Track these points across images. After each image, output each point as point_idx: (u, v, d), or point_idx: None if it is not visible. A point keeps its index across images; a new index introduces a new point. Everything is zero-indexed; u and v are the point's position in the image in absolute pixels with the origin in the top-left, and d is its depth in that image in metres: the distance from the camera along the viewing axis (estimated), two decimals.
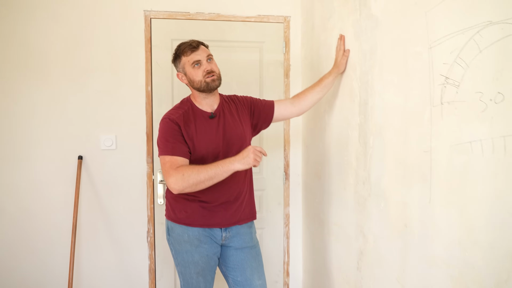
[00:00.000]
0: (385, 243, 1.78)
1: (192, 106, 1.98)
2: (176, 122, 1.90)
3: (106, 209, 2.77)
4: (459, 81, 1.29)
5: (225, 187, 1.97)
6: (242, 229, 2.06)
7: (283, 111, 2.18)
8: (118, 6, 2.71)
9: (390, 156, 1.73)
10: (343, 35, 2.14)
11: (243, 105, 2.11)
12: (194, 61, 1.91)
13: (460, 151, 1.29)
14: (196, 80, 1.92)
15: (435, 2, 1.39)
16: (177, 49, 1.97)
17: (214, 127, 1.97)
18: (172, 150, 1.86)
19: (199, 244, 1.97)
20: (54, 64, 2.67)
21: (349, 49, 2.09)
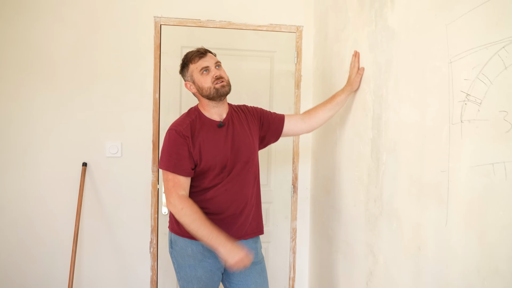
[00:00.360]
0: (396, 265, 1.70)
1: (200, 115, 1.92)
2: (183, 134, 1.84)
3: (109, 218, 2.71)
4: (481, 98, 1.21)
5: (231, 199, 1.90)
6: (248, 244, 1.99)
7: (293, 127, 2.11)
8: (128, 12, 2.67)
9: (404, 174, 1.65)
10: (358, 52, 2.07)
11: (253, 116, 2.05)
12: (203, 68, 1.86)
13: (481, 173, 1.21)
14: (205, 87, 1.87)
15: (457, 14, 1.32)
16: (184, 58, 1.93)
17: (223, 136, 1.90)
18: (174, 167, 1.81)
19: (203, 259, 1.90)
20: (61, 69, 2.63)
21: (363, 67, 2.01)
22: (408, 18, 1.61)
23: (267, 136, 2.10)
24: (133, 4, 2.67)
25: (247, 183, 1.95)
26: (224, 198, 1.88)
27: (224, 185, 1.89)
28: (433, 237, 1.45)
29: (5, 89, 2.59)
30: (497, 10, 1.15)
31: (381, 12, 1.84)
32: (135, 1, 2.68)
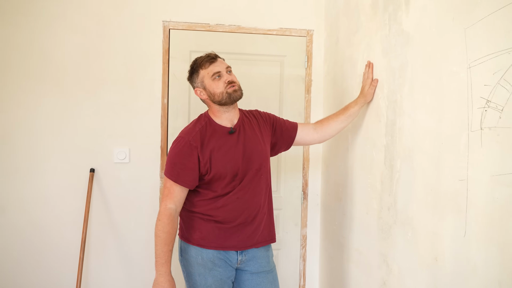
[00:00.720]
0: (411, 276, 1.65)
1: (210, 122, 1.88)
2: (191, 143, 1.80)
3: (117, 224, 2.68)
4: (503, 105, 1.17)
5: (243, 206, 1.86)
6: (259, 253, 1.94)
7: (305, 136, 2.07)
8: (137, 16, 2.65)
9: (419, 182, 1.60)
10: (371, 62, 2.01)
11: (266, 121, 2.01)
12: (214, 73, 1.82)
13: (503, 182, 1.16)
14: (217, 92, 1.83)
15: (476, 18, 1.27)
16: (193, 64, 1.89)
17: (234, 143, 1.86)
18: (176, 176, 1.79)
19: (213, 267, 1.86)
20: (69, 74, 2.61)
21: (377, 79, 1.96)
22: (424, 22, 1.57)
23: (279, 143, 2.05)
24: (141, 9, 2.66)
25: (259, 190, 1.91)
26: (236, 206, 1.84)
27: (235, 193, 1.85)
28: (450, 247, 1.40)
29: (13, 94, 2.58)
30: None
31: (395, 16, 1.79)
32: (143, 6, 2.66)
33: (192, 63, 1.89)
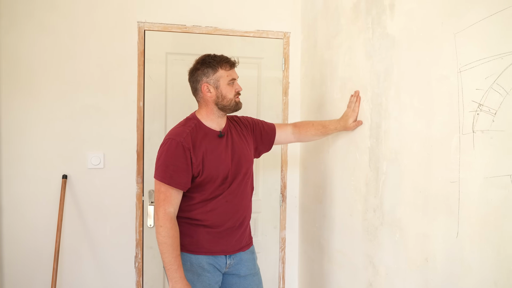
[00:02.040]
0: (400, 277, 1.67)
1: (199, 124, 1.85)
2: (183, 144, 1.75)
3: (92, 232, 2.58)
4: (496, 108, 1.20)
5: (232, 210, 1.86)
6: (246, 256, 1.95)
7: (283, 139, 2.14)
8: (111, 17, 2.56)
9: (407, 184, 1.62)
10: (359, 94, 1.99)
11: (246, 126, 2.02)
12: (232, 78, 1.85)
13: (497, 184, 1.19)
14: (228, 97, 1.83)
15: (467, 23, 1.30)
16: (211, 58, 1.84)
17: (223, 147, 1.85)
18: (170, 178, 1.74)
19: (202, 273, 1.84)
20: (39, 77, 2.49)
21: (361, 121, 1.97)
22: (411, 26, 1.59)
23: (259, 147, 2.07)
24: (115, 9, 2.57)
25: (246, 194, 1.92)
26: (225, 210, 1.83)
27: (225, 197, 1.84)
28: (442, 248, 1.42)
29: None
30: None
31: (379, 19, 1.81)
32: (117, 6, 2.57)
33: (209, 58, 1.84)
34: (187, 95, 2.64)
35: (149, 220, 2.63)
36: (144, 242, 2.65)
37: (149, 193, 2.64)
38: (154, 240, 2.65)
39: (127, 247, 2.63)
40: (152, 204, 2.63)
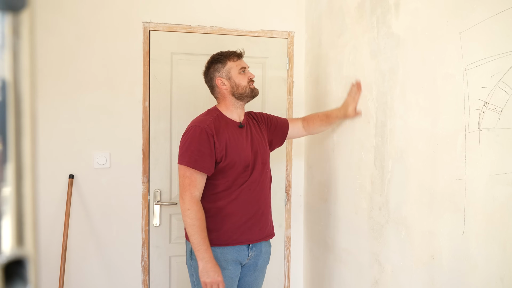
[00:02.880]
0: (406, 274, 1.68)
1: (221, 115, 1.95)
2: (206, 131, 1.83)
3: (98, 232, 2.60)
4: (502, 106, 1.21)
5: (255, 198, 1.94)
6: (265, 248, 2.04)
7: (296, 132, 2.23)
8: (116, 17, 2.58)
9: (413, 182, 1.63)
10: (360, 85, 2.02)
11: (261, 121, 2.11)
12: (242, 67, 1.94)
13: (503, 181, 1.20)
14: (242, 85, 1.93)
15: (473, 22, 1.31)
16: (219, 55, 1.97)
17: (244, 137, 1.95)
18: (195, 163, 1.80)
19: (226, 267, 1.89)
20: (45, 77, 2.51)
21: (360, 112, 2.02)
22: (416, 25, 1.60)
23: (274, 140, 2.17)
24: (121, 10, 2.58)
25: (266, 184, 2.00)
26: (248, 198, 1.90)
27: (248, 185, 1.91)
28: (448, 245, 1.43)
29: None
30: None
31: (384, 19, 1.82)
32: (123, 7, 2.59)
33: (218, 54, 1.98)
34: (192, 95, 2.68)
35: (155, 220, 2.65)
36: (150, 241, 2.67)
37: (154, 192, 2.66)
38: (160, 239, 2.67)
39: (133, 246, 2.65)
40: (158, 203, 2.65)
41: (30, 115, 0.31)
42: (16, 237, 0.31)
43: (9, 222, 0.31)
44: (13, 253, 0.31)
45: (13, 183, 0.31)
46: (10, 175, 0.31)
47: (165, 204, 2.66)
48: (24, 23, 0.30)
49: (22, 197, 0.31)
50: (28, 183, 0.32)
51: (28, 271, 0.31)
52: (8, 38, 0.30)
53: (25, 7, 0.30)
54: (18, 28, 0.30)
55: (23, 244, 0.31)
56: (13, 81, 0.30)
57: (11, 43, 0.30)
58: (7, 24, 0.30)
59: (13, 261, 0.31)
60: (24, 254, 0.31)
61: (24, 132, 0.31)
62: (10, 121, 0.31)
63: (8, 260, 0.31)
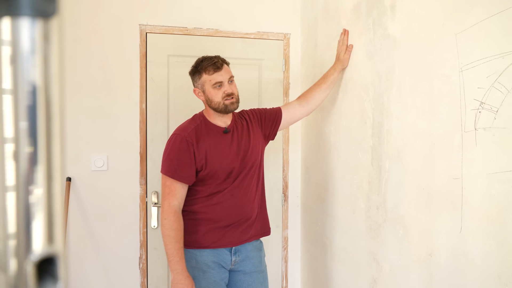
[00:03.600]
0: (404, 272, 1.70)
1: (205, 121, 1.92)
2: (187, 139, 1.83)
3: (96, 234, 2.60)
4: (498, 106, 1.23)
5: (237, 204, 1.91)
6: (252, 253, 1.99)
7: (293, 114, 2.14)
8: (112, 20, 2.59)
9: (410, 182, 1.65)
10: (347, 30, 2.12)
11: (253, 118, 2.07)
12: (216, 82, 1.85)
13: (500, 180, 1.22)
14: (214, 100, 1.86)
15: (468, 24, 1.33)
16: (198, 63, 1.90)
17: (228, 142, 1.91)
18: (174, 172, 1.80)
19: (207, 270, 1.88)
20: None
21: (352, 45, 2.08)
22: (412, 27, 1.62)
23: (268, 132, 2.11)
24: (117, 12, 2.59)
25: (252, 187, 1.97)
26: (230, 203, 1.89)
27: (230, 191, 1.89)
28: (446, 244, 1.45)
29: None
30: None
31: (380, 20, 1.85)
32: (119, 9, 2.59)
33: (197, 62, 1.91)
34: (189, 97, 2.68)
35: (153, 221, 2.65)
36: (148, 243, 2.68)
37: (152, 194, 2.66)
38: (158, 241, 2.68)
39: (131, 248, 2.66)
40: (156, 205, 2.65)
41: (60, 119, 0.32)
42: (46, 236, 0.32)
43: (40, 222, 0.32)
44: (45, 251, 0.32)
45: (44, 184, 0.32)
46: (41, 176, 0.32)
47: None
48: (54, 29, 0.32)
49: (52, 197, 0.33)
50: (57, 184, 0.33)
51: (58, 269, 0.32)
52: (39, 44, 0.31)
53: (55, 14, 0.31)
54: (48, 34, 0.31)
55: (53, 243, 0.32)
56: (43, 85, 0.32)
57: (42, 49, 0.31)
58: (38, 30, 0.31)
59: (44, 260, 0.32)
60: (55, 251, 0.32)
61: (54, 135, 0.32)
62: (41, 125, 0.32)
63: (40, 258, 0.32)
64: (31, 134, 0.31)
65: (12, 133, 0.31)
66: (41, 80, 0.31)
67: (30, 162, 0.32)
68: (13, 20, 0.31)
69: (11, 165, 0.31)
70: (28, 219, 0.32)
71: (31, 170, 0.32)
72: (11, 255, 0.31)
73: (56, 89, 0.32)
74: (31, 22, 0.31)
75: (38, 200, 0.32)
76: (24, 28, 0.31)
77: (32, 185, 0.32)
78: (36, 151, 0.32)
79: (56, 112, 0.32)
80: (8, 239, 0.31)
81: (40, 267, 0.32)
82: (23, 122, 0.31)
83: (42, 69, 0.31)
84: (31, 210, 0.32)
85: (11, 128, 0.31)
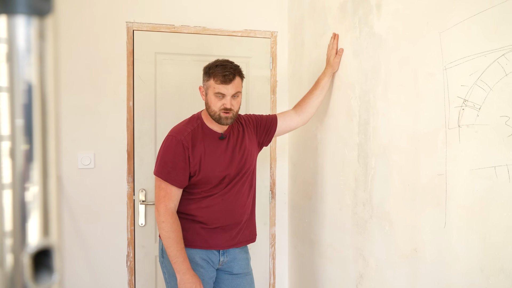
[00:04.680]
0: (390, 268, 1.73)
1: (202, 124, 1.91)
2: (183, 143, 1.81)
3: (83, 232, 2.59)
4: (480, 104, 1.26)
5: (227, 208, 1.91)
6: (240, 255, 2.00)
7: (289, 123, 2.14)
8: (99, 17, 2.57)
9: (396, 178, 1.68)
10: (336, 34, 2.13)
11: (249, 125, 2.06)
12: (219, 93, 1.82)
13: (482, 176, 1.25)
14: (212, 108, 1.84)
15: (452, 23, 1.36)
16: (212, 66, 1.85)
17: (223, 149, 1.90)
18: (167, 175, 1.79)
19: (196, 268, 1.88)
20: None
21: (342, 49, 2.08)
22: (397, 25, 1.65)
23: (262, 140, 2.11)
24: (104, 9, 2.57)
25: (243, 193, 1.96)
26: (221, 207, 1.88)
27: (221, 195, 1.89)
28: (430, 239, 1.48)
29: None
30: (495, 19, 1.20)
31: (366, 19, 1.87)
32: (106, 6, 2.58)
33: (212, 64, 1.86)
34: (176, 95, 2.69)
35: (140, 219, 2.65)
36: (135, 241, 2.67)
37: (140, 192, 2.65)
38: (146, 239, 2.68)
39: (118, 246, 2.65)
40: (144, 203, 2.65)
41: (55, 117, 0.33)
42: (42, 228, 0.33)
43: (36, 217, 0.33)
44: (40, 243, 0.33)
45: (40, 181, 0.33)
46: (36, 173, 0.33)
47: (150, 204, 2.66)
48: (49, 28, 0.32)
49: (48, 193, 0.33)
50: (53, 180, 0.34)
51: (54, 260, 0.33)
52: (35, 42, 0.32)
53: (50, 12, 0.32)
54: (44, 32, 0.32)
55: (49, 235, 0.33)
56: (39, 84, 0.32)
57: (37, 47, 0.32)
58: (33, 28, 0.32)
59: (40, 252, 0.33)
60: (51, 243, 0.33)
61: (49, 133, 0.33)
62: (36, 123, 0.32)
63: (36, 249, 0.33)
64: (26, 132, 0.32)
65: (8, 131, 0.32)
66: (37, 78, 0.32)
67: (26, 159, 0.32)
68: (9, 18, 0.31)
69: (7, 163, 0.32)
70: (25, 213, 0.32)
71: (27, 167, 0.32)
72: (8, 249, 0.32)
73: (51, 87, 0.33)
74: (27, 21, 0.32)
75: (34, 196, 0.33)
76: (20, 26, 0.31)
77: (28, 182, 0.33)
78: (31, 148, 0.32)
79: (52, 110, 0.33)
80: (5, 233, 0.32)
81: (36, 259, 0.33)
82: (19, 120, 0.32)
83: (37, 68, 0.32)
84: (28, 205, 0.33)
85: (7, 126, 0.32)
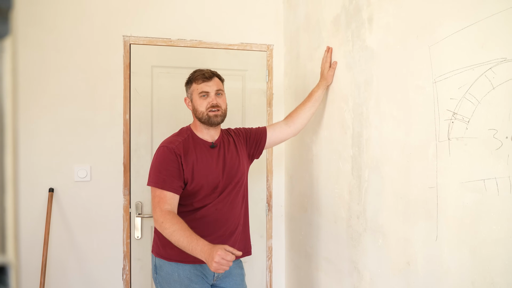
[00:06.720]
0: (383, 281, 1.72)
1: (192, 135, 1.93)
2: (174, 151, 1.82)
3: (79, 246, 2.58)
4: (469, 117, 1.26)
5: (222, 219, 1.90)
6: (234, 270, 1.99)
7: (279, 134, 2.14)
8: (97, 31, 2.60)
9: (389, 191, 1.68)
10: (330, 47, 2.14)
11: (239, 137, 2.07)
12: (203, 91, 1.88)
13: (472, 188, 1.25)
14: (199, 110, 1.88)
15: (440, 36, 1.37)
16: (191, 74, 1.95)
17: (215, 157, 1.91)
18: (163, 183, 1.78)
19: (190, 284, 1.86)
20: (24, 90, 2.49)
21: (336, 62, 2.09)
22: (388, 39, 1.66)
23: (253, 152, 2.11)
24: (101, 23, 2.60)
25: (236, 204, 1.96)
26: (214, 218, 1.87)
27: (214, 205, 1.88)
28: (423, 252, 1.48)
29: None
30: (482, 33, 1.21)
31: (358, 32, 1.88)
32: (103, 20, 2.61)
33: (192, 73, 1.96)
34: (173, 108, 2.70)
35: (136, 232, 2.65)
36: (131, 254, 2.66)
37: (136, 205, 2.65)
38: (142, 252, 2.67)
39: (114, 259, 2.64)
40: (140, 216, 2.65)
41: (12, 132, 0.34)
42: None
43: None
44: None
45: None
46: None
47: (146, 217, 2.66)
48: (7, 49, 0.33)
49: (4, 209, 0.34)
50: (10, 196, 0.34)
51: (9, 278, 0.33)
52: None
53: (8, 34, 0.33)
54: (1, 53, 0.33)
55: (5, 252, 0.33)
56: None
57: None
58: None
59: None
60: (6, 261, 0.33)
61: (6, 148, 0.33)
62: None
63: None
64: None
65: None
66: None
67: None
68: None
69: None
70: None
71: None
72: None
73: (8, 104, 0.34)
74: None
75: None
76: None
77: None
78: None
79: (9, 127, 0.34)
80: None
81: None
82: None
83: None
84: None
85: None
